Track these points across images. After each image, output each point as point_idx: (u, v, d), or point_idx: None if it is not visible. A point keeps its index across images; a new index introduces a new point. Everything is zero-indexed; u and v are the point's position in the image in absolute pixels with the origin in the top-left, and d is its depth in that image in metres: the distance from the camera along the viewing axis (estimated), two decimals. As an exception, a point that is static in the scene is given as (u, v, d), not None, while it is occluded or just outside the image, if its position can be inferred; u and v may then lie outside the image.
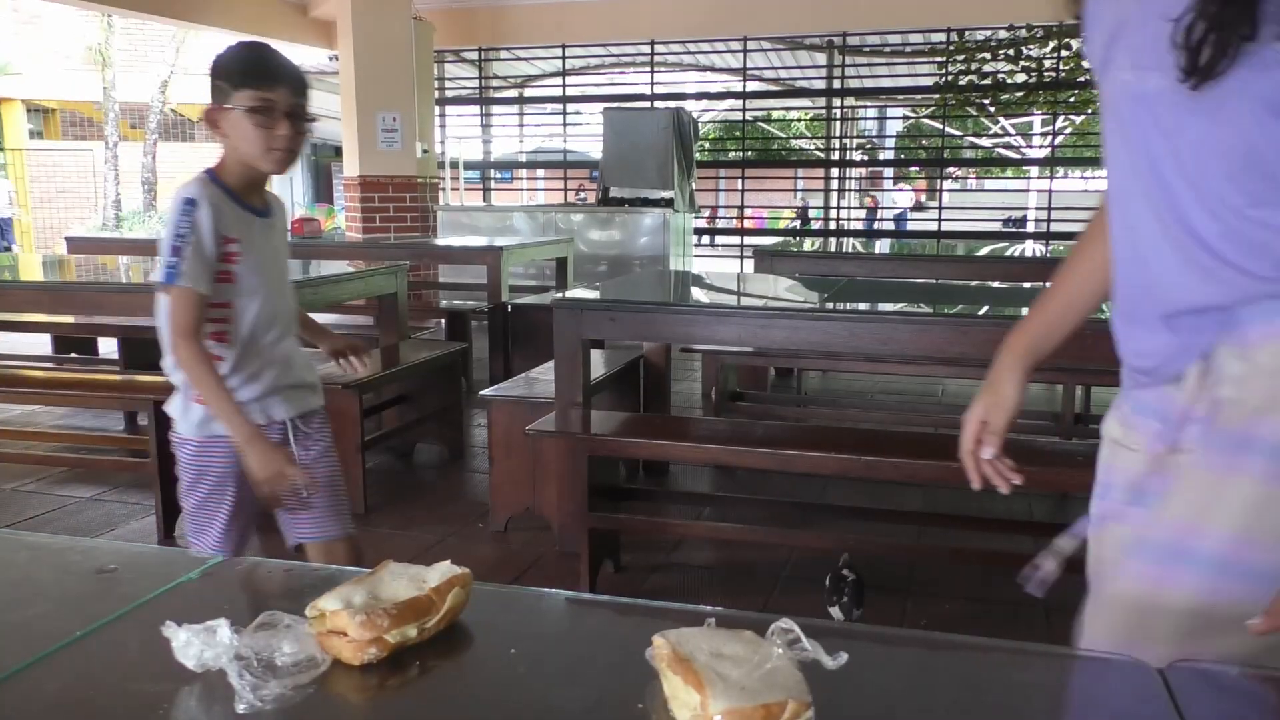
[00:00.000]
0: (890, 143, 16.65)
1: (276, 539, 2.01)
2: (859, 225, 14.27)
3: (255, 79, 1.69)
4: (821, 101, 11.63)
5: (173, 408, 1.85)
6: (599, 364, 3.49)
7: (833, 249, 9.13)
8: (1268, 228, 0.94)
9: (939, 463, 2.57)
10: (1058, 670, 0.81)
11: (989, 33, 8.86)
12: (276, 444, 1.80)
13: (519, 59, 11.08)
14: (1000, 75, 8.89)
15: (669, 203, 8.23)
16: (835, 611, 2.85)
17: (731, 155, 15.08)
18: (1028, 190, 14.30)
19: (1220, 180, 0.95)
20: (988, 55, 8.77)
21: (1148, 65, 0.98)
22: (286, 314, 1.88)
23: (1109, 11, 1.06)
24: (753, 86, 11.28)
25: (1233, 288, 0.97)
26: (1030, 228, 12.52)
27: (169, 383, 1.85)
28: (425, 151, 7.60)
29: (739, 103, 11.58)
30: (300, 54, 10.67)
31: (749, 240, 10.57)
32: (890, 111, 16.68)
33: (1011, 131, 13.00)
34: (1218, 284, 0.97)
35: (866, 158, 14.79)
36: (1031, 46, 8.68)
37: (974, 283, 4.78)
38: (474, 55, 10.62)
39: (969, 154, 14.31)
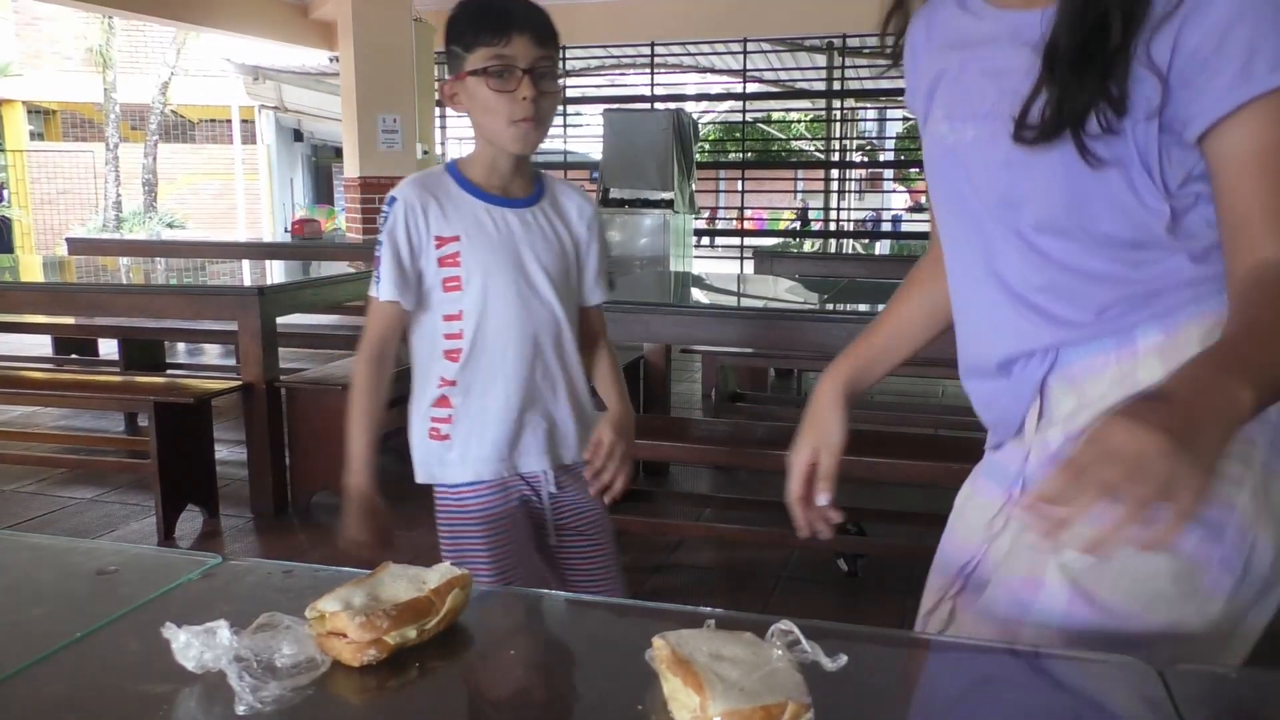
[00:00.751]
0: (890, 144, 16.65)
1: (274, 539, 2.00)
2: (855, 227, 14.27)
3: (489, 33, 1.38)
4: (821, 103, 11.63)
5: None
6: (599, 365, 3.49)
7: (832, 250, 9.12)
8: (1081, 276, 0.93)
9: (939, 464, 2.57)
10: (1057, 671, 0.81)
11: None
12: (382, 511, 1.50)
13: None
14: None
15: (669, 204, 8.24)
16: (841, 563, 2.87)
17: (731, 156, 15.08)
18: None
19: (1032, 232, 0.94)
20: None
21: (963, 117, 0.98)
22: (546, 328, 1.49)
23: (929, 63, 1.05)
24: (753, 88, 11.29)
25: (1054, 333, 0.97)
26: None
27: (170, 384, 1.77)
28: (426, 153, 7.60)
29: (739, 104, 11.59)
30: (301, 56, 10.69)
31: (749, 241, 10.57)
32: (890, 113, 16.68)
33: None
34: (1039, 331, 0.97)
35: (866, 159, 14.80)
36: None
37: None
38: (474, 56, 10.62)
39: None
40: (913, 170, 17.60)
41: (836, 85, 10.59)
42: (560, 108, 1.45)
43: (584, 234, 1.56)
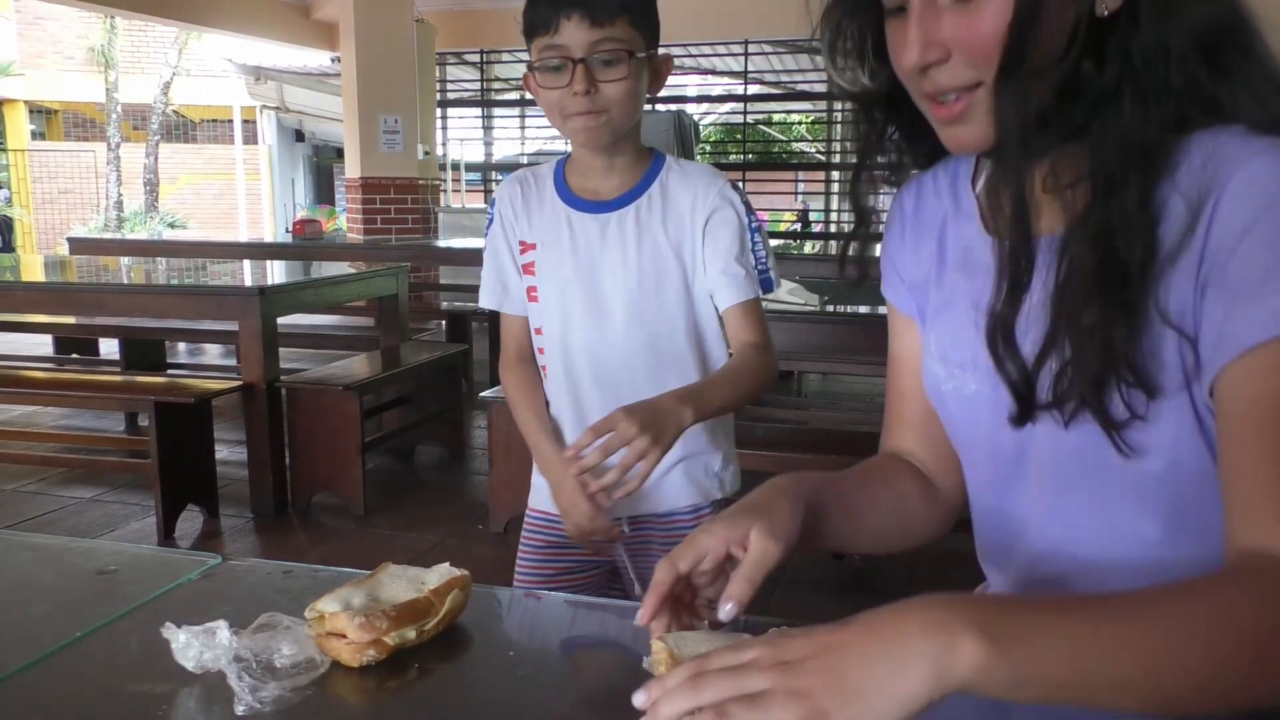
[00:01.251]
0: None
1: (274, 539, 1.99)
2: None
3: (538, 20, 1.18)
4: (822, 105, 11.63)
5: None
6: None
7: (833, 252, 9.11)
8: (1126, 543, 0.77)
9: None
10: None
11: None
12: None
13: (520, 61, 11.09)
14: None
15: (670, 205, 8.23)
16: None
17: (732, 158, 15.06)
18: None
19: (1052, 494, 0.79)
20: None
21: (960, 365, 0.82)
22: (623, 355, 1.29)
23: (914, 253, 0.91)
24: (754, 89, 11.29)
25: None
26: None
27: (170, 384, 1.73)
28: (427, 153, 7.60)
29: (740, 105, 11.59)
30: (302, 56, 10.70)
31: (750, 243, 10.55)
32: (892, 114, 16.66)
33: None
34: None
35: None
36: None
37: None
38: (476, 58, 10.64)
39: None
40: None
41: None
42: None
43: (700, 227, 1.28)
